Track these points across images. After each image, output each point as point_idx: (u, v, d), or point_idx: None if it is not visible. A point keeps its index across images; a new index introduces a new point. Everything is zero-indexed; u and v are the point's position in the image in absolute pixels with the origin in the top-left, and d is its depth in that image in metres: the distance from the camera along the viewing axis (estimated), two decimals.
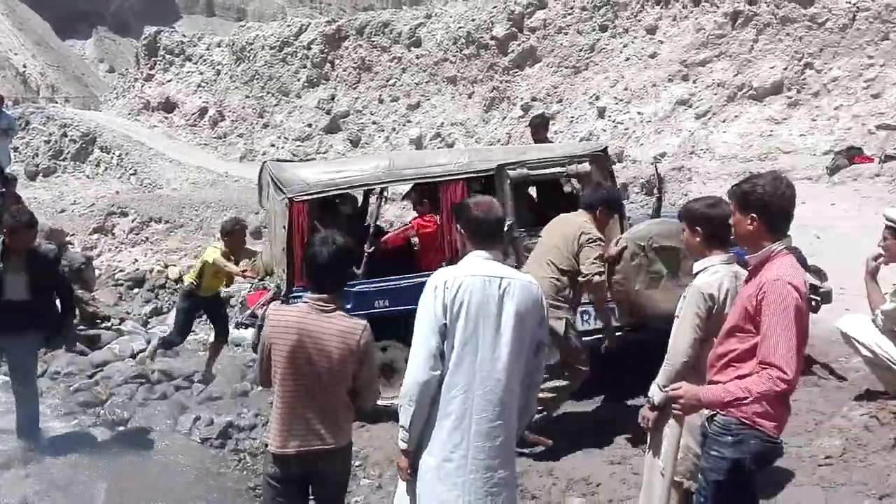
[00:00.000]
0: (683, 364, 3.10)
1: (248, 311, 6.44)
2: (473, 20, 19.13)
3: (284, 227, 5.35)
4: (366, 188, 6.28)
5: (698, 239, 3.17)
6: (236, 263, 6.45)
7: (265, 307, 5.67)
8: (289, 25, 22.40)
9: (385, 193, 6.44)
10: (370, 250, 5.58)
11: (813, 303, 4.50)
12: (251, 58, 21.88)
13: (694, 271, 3.21)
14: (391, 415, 4.37)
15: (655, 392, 3.22)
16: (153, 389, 7.00)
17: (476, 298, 2.66)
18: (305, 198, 5.40)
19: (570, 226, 4.62)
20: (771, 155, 13.72)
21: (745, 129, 14.82)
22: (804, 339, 2.55)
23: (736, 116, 15.27)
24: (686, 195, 11.78)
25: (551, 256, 4.55)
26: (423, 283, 2.76)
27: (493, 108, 19.13)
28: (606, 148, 5.80)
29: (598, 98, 17.60)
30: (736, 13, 15.70)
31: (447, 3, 22.32)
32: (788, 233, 2.68)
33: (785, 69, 14.91)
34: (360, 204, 6.98)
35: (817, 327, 4.65)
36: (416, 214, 6.29)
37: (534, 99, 18.46)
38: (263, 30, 22.71)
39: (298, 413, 2.96)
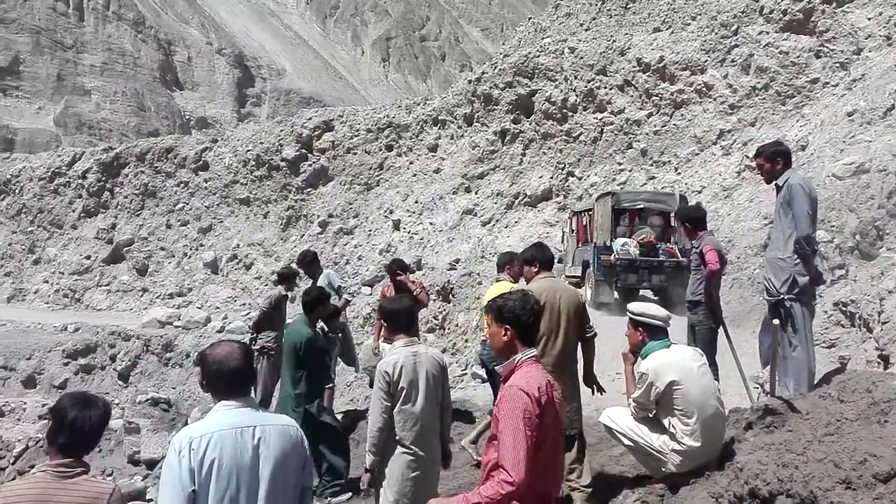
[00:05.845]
0: (379, 429, 3.66)
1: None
2: (262, 143, 19.31)
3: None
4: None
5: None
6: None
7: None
8: (59, 155, 21.07)
9: None
10: None
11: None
12: (17, 191, 20.19)
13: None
14: None
15: (368, 456, 3.72)
16: None
17: (228, 454, 2.49)
18: None
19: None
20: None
21: (525, 233, 16.11)
22: (541, 440, 2.63)
23: (516, 222, 16.62)
24: (478, 298, 12.38)
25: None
26: None
27: (291, 226, 19.12)
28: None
29: (391, 211, 18.32)
30: (504, 131, 17.41)
31: (236, 126, 22.36)
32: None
33: (551, 178, 16.64)
34: None
35: None
36: None
37: (330, 215, 18.75)
38: (31, 161, 21.15)
39: None
